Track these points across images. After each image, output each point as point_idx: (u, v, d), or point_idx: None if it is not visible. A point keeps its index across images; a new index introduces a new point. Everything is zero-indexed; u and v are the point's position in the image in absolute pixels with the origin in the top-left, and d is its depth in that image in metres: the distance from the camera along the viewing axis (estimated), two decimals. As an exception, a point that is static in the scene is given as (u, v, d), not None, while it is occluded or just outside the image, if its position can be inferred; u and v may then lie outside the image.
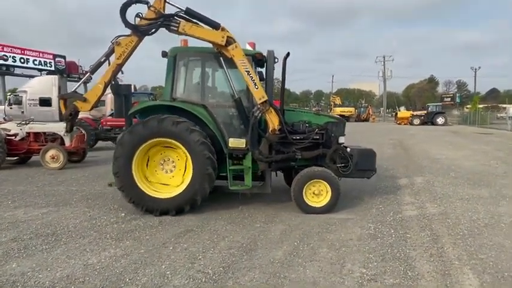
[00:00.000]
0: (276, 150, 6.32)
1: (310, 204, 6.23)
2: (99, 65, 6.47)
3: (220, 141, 6.18)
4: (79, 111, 6.49)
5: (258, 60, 6.44)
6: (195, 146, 5.88)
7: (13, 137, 10.62)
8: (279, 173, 7.52)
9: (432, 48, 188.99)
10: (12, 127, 10.86)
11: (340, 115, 47.86)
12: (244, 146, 6.16)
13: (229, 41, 5.85)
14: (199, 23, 5.91)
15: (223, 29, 5.84)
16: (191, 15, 5.88)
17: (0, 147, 10.06)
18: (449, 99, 60.45)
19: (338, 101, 57.83)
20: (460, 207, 6.71)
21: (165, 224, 5.69)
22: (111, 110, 18.41)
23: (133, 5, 5.90)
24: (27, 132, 10.74)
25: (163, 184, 6.28)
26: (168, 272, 4.04)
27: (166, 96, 6.37)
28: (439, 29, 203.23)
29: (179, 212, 6.02)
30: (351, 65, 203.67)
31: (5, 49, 33.84)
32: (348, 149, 6.64)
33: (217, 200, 6.88)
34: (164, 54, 6.38)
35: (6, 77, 34.29)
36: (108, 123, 15.83)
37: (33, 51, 36.95)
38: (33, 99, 22.92)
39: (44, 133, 10.87)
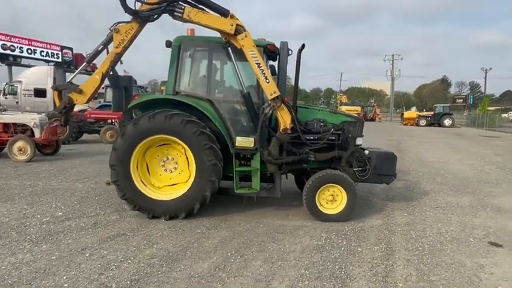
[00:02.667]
0: (287, 151, 5.75)
1: (323, 210, 5.70)
2: (96, 54, 5.94)
3: (227, 140, 5.64)
4: (74, 104, 5.98)
5: (270, 52, 5.88)
6: (201, 150, 5.36)
7: (-18, 128, 10.29)
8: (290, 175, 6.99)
9: (448, 48, 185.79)
10: (-18, 118, 10.52)
11: (345, 114, 47.04)
12: (252, 145, 5.62)
13: (239, 29, 5.30)
14: (207, 10, 5.36)
15: (232, 17, 5.29)
16: (198, 0, 5.33)
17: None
18: (461, 100, 59.19)
19: (344, 99, 56.82)
20: (431, 217, 6.11)
21: (99, 226, 5.23)
22: (99, 102, 18.12)
23: None
24: (-4, 123, 10.39)
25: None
26: (66, 285, 3.57)
27: (169, 89, 5.83)
28: (457, 29, 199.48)
29: (173, 217, 5.52)
30: (365, 63, 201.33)
31: (12, 39, 34.04)
32: (366, 152, 6.04)
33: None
34: (168, 43, 5.84)
35: (13, 67, 34.41)
36: (92, 115, 15.43)
37: (40, 42, 37.06)
38: (28, 90, 22.96)
39: (14, 124, 10.49)
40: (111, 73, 5.96)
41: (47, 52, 37.30)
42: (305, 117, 6.06)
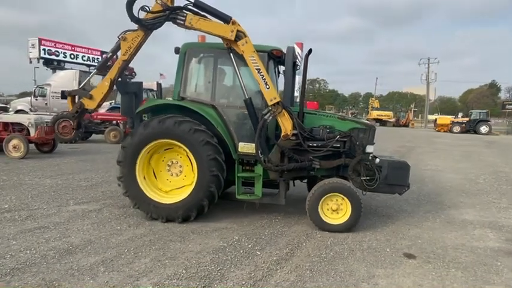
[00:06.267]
0: (288, 158, 5.68)
1: (326, 220, 5.53)
2: (106, 61, 6.40)
3: (229, 145, 5.73)
4: (86, 109, 6.35)
5: (276, 57, 5.97)
6: (205, 159, 5.48)
7: (-16, 126, 11.19)
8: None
9: (503, 52, 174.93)
10: (-16, 117, 11.47)
11: (376, 119, 45.56)
12: (255, 151, 5.61)
13: (239, 35, 5.42)
14: (209, 16, 5.58)
15: (233, 23, 5.43)
16: (200, 7, 5.54)
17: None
18: (511, 106, 55.61)
19: (376, 104, 55.33)
20: (367, 225, 5.90)
21: (30, 219, 5.56)
22: (110, 104, 19.00)
23: None
24: (-4, 122, 11.26)
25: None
26: (-50, 270, 3.88)
27: (175, 94, 6.08)
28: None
29: (185, 219, 5.65)
30: (410, 67, 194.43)
31: (57, 45, 36.65)
32: (377, 160, 5.81)
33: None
34: (177, 50, 6.08)
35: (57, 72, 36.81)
36: (99, 116, 16.25)
37: (82, 47, 39.49)
38: (55, 92, 24.59)
39: (12, 123, 11.33)
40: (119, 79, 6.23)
41: (88, 57, 39.72)
42: (311, 124, 5.92)
